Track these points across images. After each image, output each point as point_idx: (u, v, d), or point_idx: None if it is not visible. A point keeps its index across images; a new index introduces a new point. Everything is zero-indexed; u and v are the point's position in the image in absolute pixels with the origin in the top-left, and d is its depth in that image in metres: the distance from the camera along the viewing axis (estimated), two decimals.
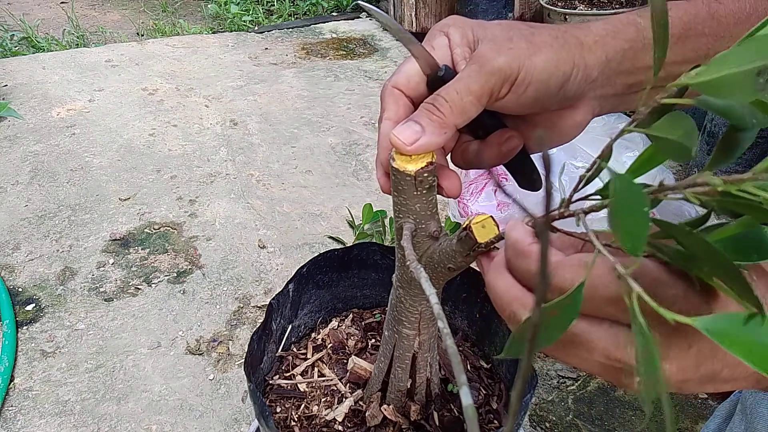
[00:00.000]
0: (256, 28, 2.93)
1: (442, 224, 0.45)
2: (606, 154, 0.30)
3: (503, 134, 0.42)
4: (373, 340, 0.73)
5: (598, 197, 0.30)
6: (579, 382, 1.15)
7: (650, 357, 0.24)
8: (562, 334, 0.27)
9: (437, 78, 0.39)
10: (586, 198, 0.31)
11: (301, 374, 0.69)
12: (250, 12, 3.04)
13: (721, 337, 0.23)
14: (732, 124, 0.27)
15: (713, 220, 0.28)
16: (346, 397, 0.65)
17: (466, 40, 0.41)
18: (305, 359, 0.71)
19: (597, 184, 0.30)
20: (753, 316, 0.23)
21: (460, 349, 0.73)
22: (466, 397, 0.14)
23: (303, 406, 0.65)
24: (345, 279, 0.76)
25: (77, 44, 2.79)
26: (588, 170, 0.31)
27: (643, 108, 0.29)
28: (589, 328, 0.29)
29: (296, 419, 0.64)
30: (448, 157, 0.45)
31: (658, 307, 0.24)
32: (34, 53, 2.66)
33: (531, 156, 0.46)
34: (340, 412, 0.63)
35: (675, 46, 0.41)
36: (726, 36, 0.41)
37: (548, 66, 0.38)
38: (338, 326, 0.75)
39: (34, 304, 1.34)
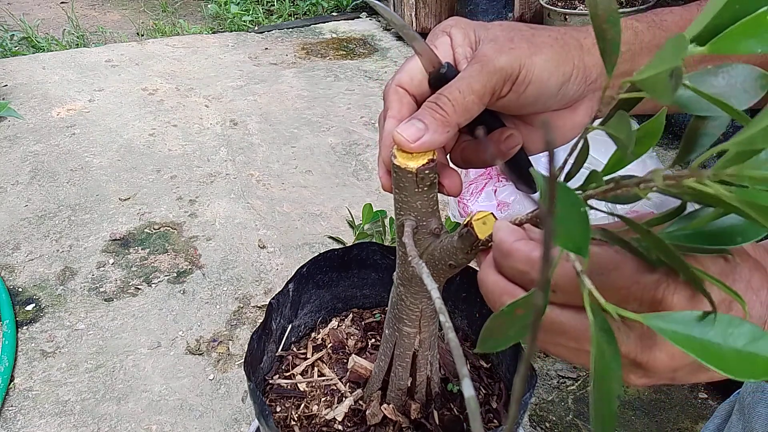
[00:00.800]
0: (256, 28, 2.93)
1: (443, 222, 0.45)
2: (583, 150, 0.31)
3: (503, 132, 0.43)
4: (373, 340, 0.73)
5: (580, 192, 0.30)
6: (579, 382, 1.15)
7: (610, 348, 0.24)
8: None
9: (439, 75, 0.40)
10: None
11: (301, 374, 0.69)
12: (250, 12, 3.04)
13: (673, 336, 0.23)
14: (696, 116, 0.27)
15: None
16: (346, 397, 0.65)
17: (468, 40, 0.42)
18: (305, 359, 0.71)
19: (580, 178, 0.31)
20: (707, 314, 0.23)
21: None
22: (468, 389, 0.14)
23: (303, 405, 0.65)
24: (345, 279, 0.76)
25: (77, 44, 2.79)
26: (561, 166, 0.32)
27: (603, 107, 0.30)
28: (575, 317, 0.30)
29: (296, 419, 0.64)
30: (448, 156, 0.46)
31: (606, 303, 0.25)
32: (34, 53, 2.66)
33: (529, 158, 0.47)
34: (340, 411, 0.63)
35: None
36: None
37: (548, 66, 0.38)
38: (338, 326, 0.76)
39: (34, 304, 1.34)
